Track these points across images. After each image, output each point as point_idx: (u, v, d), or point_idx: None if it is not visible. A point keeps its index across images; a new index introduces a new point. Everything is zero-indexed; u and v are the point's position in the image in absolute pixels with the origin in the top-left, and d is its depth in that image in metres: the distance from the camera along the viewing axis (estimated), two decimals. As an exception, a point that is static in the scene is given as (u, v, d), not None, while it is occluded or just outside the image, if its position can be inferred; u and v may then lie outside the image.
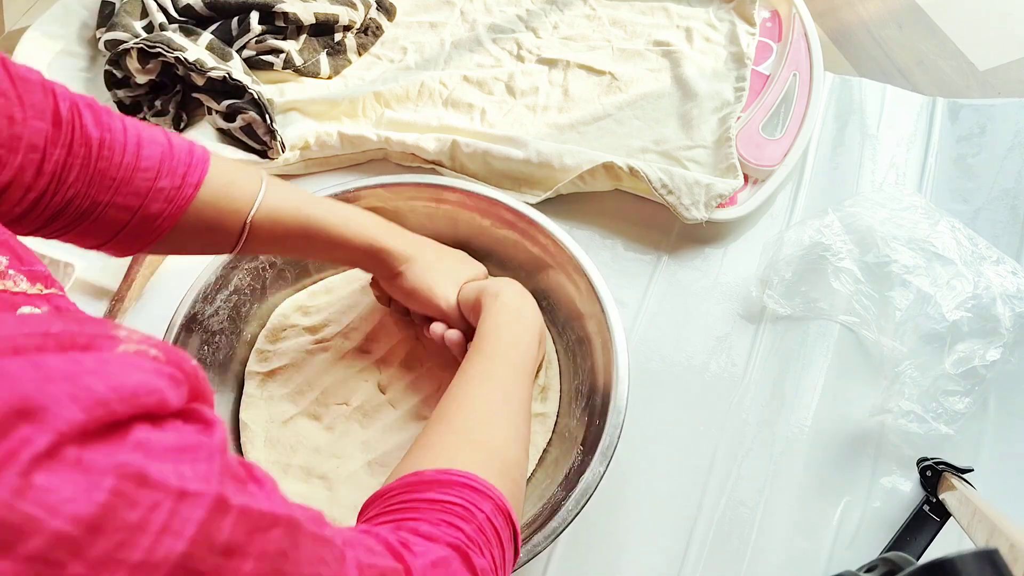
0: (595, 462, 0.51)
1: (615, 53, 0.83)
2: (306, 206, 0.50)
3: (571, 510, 0.49)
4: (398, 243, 0.54)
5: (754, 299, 0.69)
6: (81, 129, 0.40)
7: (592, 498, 0.50)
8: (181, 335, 0.56)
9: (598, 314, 0.57)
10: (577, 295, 0.61)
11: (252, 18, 0.78)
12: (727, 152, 0.73)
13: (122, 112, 0.75)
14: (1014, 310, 0.62)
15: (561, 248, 0.60)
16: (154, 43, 0.71)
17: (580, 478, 0.51)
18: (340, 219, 0.51)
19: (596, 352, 0.58)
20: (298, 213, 0.49)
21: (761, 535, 0.59)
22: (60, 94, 0.40)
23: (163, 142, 0.43)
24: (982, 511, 0.47)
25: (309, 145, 0.76)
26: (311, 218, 0.50)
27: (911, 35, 0.89)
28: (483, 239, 0.65)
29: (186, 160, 0.44)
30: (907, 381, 0.61)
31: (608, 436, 0.52)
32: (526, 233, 0.63)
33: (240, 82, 0.73)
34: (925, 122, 0.80)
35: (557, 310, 0.64)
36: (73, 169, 0.40)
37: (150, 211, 0.43)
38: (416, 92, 0.80)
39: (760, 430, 0.63)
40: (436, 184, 0.64)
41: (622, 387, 0.54)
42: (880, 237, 0.66)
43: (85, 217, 0.41)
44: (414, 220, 0.65)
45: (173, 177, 0.43)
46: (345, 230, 0.51)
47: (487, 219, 0.64)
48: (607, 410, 0.53)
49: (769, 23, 0.85)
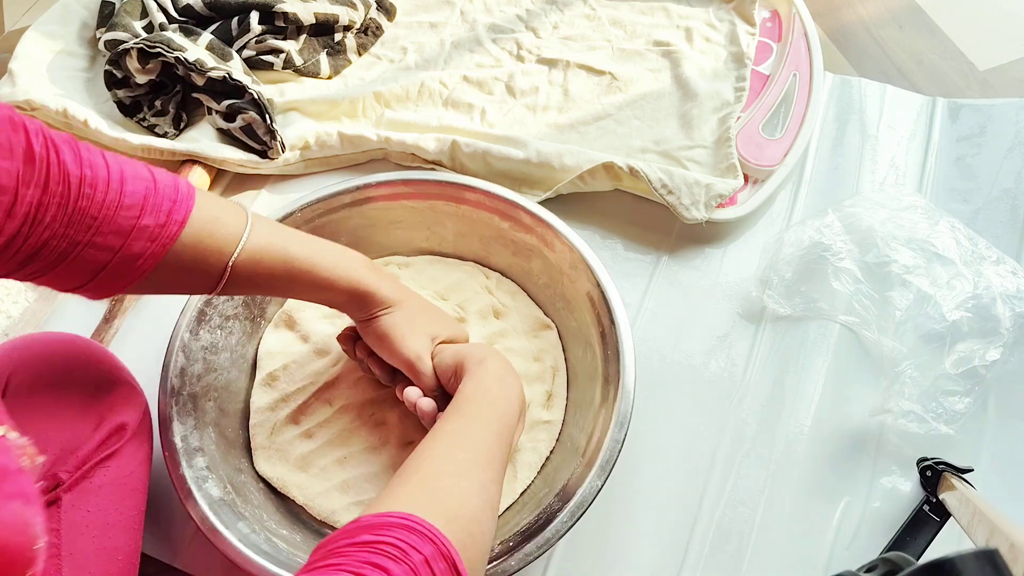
0: (592, 475, 0.51)
1: (615, 53, 0.83)
2: (292, 247, 0.47)
3: (565, 522, 0.49)
4: (384, 287, 0.52)
5: (754, 299, 0.69)
6: (59, 166, 0.38)
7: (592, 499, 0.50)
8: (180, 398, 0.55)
9: (609, 328, 0.57)
10: (590, 311, 0.60)
11: (252, 18, 0.78)
12: (727, 152, 0.73)
13: (122, 112, 0.75)
14: (1014, 310, 0.62)
15: (583, 262, 0.60)
16: (154, 43, 0.71)
17: (577, 490, 0.50)
18: (329, 262, 0.49)
19: (601, 365, 0.58)
20: (284, 254, 0.47)
21: (761, 535, 0.59)
22: (32, 130, 0.37)
23: (147, 177, 0.41)
24: (982, 511, 0.47)
25: (309, 145, 0.76)
26: (297, 260, 0.47)
27: (911, 35, 0.89)
28: (501, 242, 0.66)
29: (171, 196, 0.42)
30: (907, 381, 0.61)
31: (608, 450, 0.52)
32: (544, 239, 0.63)
33: (240, 82, 0.73)
34: (925, 122, 0.80)
35: (568, 316, 0.64)
36: (50, 209, 0.37)
37: (132, 250, 0.40)
38: (416, 92, 0.80)
39: (760, 430, 0.63)
40: (457, 183, 0.64)
41: (626, 403, 0.53)
42: (880, 237, 0.66)
43: (63, 259, 0.39)
44: (432, 218, 0.65)
45: (158, 214, 0.41)
46: (331, 273, 0.49)
47: (506, 221, 0.64)
48: (609, 423, 0.53)
49: (769, 23, 0.85)
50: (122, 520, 0.49)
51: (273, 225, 0.48)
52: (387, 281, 0.53)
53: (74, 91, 0.78)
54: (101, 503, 0.48)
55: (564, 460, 0.57)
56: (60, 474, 0.46)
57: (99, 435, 0.49)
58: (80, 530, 0.46)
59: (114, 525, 0.48)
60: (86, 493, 0.47)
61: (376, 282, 0.51)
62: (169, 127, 0.76)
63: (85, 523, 0.46)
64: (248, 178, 0.77)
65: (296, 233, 0.50)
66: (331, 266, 0.49)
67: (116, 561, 0.47)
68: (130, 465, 0.50)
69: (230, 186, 0.77)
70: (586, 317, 0.60)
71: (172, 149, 0.73)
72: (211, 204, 0.44)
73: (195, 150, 0.73)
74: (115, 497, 0.48)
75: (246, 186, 0.76)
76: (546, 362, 0.63)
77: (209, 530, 0.50)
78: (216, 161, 0.74)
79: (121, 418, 0.50)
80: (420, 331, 0.53)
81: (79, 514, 0.46)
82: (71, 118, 0.73)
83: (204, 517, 0.50)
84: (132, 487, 0.50)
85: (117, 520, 0.48)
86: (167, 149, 0.73)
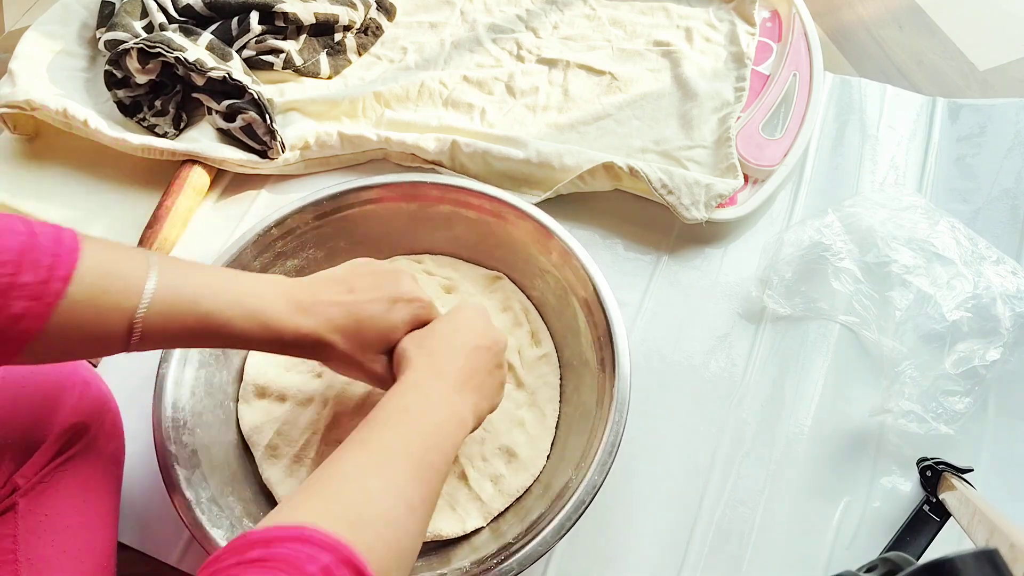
0: (587, 482, 0.51)
1: (615, 53, 0.83)
2: (205, 299, 0.42)
3: (563, 524, 0.49)
4: (308, 323, 0.45)
5: (754, 299, 0.69)
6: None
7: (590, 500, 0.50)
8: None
9: (609, 349, 0.57)
10: (590, 325, 0.60)
11: (252, 18, 0.78)
12: (727, 152, 0.73)
13: (122, 112, 0.75)
14: (1014, 310, 0.62)
15: (587, 277, 0.60)
16: (154, 43, 0.71)
17: (571, 498, 0.50)
18: (246, 312, 0.43)
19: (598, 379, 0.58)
20: (195, 308, 0.41)
21: (761, 535, 0.59)
22: None
23: (22, 231, 0.37)
24: (982, 511, 0.47)
25: (309, 145, 0.76)
26: (211, 315, 0.42)
27: (911, 35, 0.89)
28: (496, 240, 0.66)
29: (52, 249, 0.37)
30: (907, 381, 0.61)
31: (604, 451, 0.52)
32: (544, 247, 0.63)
33: (240, 82, 0.73)
34: (925, 122, 0.80)
35: (559, 313, 0.64)
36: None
37: (12, 311, 0.36)
38: (416, 92, 0.80)
39: (760, 430, 0.63)
40: (460, 187, 0.64)
41: (620, 413, 0.53)
42: (880, 237, 0.66)
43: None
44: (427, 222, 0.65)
45: (37, 270, 0.36)
46: (249, 325, 0.43)
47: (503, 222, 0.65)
48: (604, 431, 0.53)
49: (769, 23, 0.85)
50: (87, 522, 0.47)
51: (185, 271, 0.42)
52: (321, 315, 0.46)
53: (74, 91, 0.78)
54: (61, 506, 0.46)
55: (557, 469, 0.57)
56: (17, 479, 0.45)
57: (56, 437, 0.47)
58: (38, 534, 0.45)
59: (77, 528, 0.47)
60: (43, 497, 0.46)
61: (304, 324, 0.45)
62: (169, 127, 0.76)
63: (43, 527, 0.45)
64: (248, 178, 0.77)
65: (214, 277, 0.44)
66: (248, 315, 0.43)
67: (83, 563, 0.46)
68: (94, 466, 0.49)
69: (230, 186, 0.77)
70: (585, 322, 0.61)
71: (172, 149, 0.73)
72: (105, 255, 0.39)
73: (195, 150, 0.73)
74: (77, 500, 0.47)
75: (246, 186, 0.76)
76: (514, 307, 0.66)
77: (202, 538, 0.50)
78: (216, 161, 0.74)
79: (78, 418, 0.49)
80: (370, 349, 0.48)
81: (35, 518, 0.45)
82: (71, 118, 0.73)
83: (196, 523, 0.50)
84: (97, 487, 0.49)
85: (80, 523, 0.47)
86: (167, 149, 0.73)
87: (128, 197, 0.75)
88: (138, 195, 0.75)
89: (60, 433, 0.48)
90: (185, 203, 0.72)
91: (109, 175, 0.77)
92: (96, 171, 0.77)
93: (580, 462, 0.54)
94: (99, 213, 0.74)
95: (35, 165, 0.78)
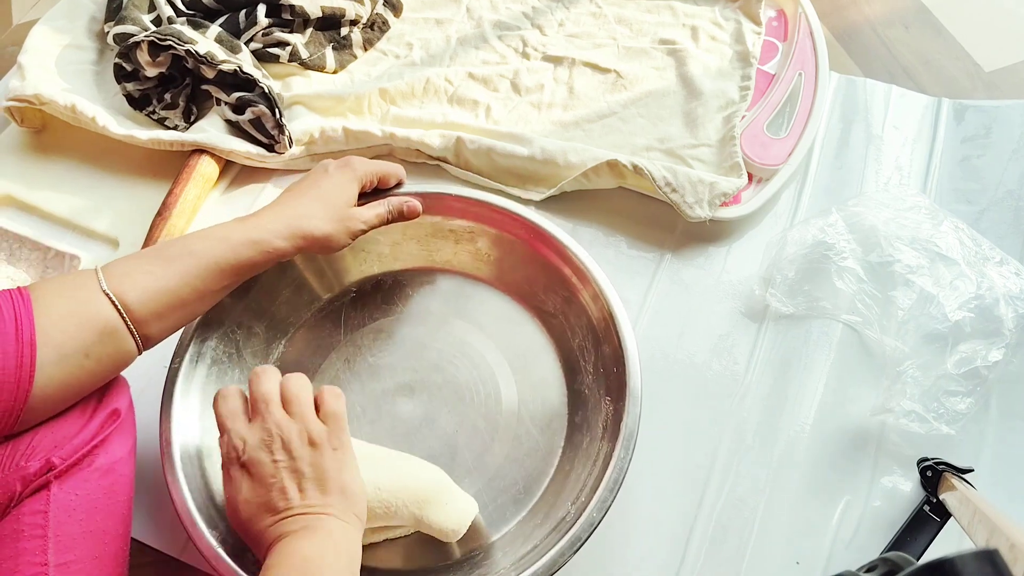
0: (591, 508, 0.51)
1: (620, 51, 0.83)
2: (172, 279, 0.49)
3: (564, 553, 0.50)
4: (265, 243, 0.53)
5: (757, 298, 0.69)
6: None
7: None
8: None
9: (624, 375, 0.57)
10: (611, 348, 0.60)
11: (259, 11, 0.78)
12: (731, 151, 0.73)
13: (131, 105, 0.76)
14: (1017, 311, 0.62)
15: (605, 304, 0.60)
16: (165, 36, 0.71)
17: (573, 528, 0.51)
18: (209, 263, 0.50)
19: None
20: (167, 272, 0.49)
21: (761, 535, 0.59)
22: None
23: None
24: (982, 511, 0.47)
25: (314, 140, 0.76)
26: (188, 285, 0.50)
27: (917, 35, 0.89)
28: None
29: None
30: (909, 381, 0.61)
31: (611, 478, 0.52)
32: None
33: (251, 75, 0.73)
34: (930, 123, 0.80)
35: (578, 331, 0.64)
36: None
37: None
38: (421, 89, 0.80)
39: (761, 429, 0.63)
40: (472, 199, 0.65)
41: (626, 449, 0.53)
42: (883, 237, 0.66)
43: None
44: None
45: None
46: (223, 268, 0.51)
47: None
48: (609, 462, 0.53)
49: (775, 22, 0.85)
50: (110, 504, 0.49)
51: (127, 261, 0.49)
52: (268, 227, 0.53)
53: (83, 85, 0.78)
54: (90, 488, 0.48)
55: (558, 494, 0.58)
56: (54, 459, 0.46)
57: (96, 421, 0.49)
58: (68, 513, 0.46)
59: (102, 509, 0.48)
60: (77, 478, 0.47)
61: (261, 243, 0.52)
62: (179, 120, 0.76)
63: (73, 507, 0.46)
64: (254, 171, 0.77)
65: (159, 250, 0.51)
66: (213, 266, 0.50)
67: (103, 544, 0.48)
68: (120, 451, 0.50)
69: (237, 179, 0.77)
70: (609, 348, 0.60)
71: (180, 140, 0.73)
72: (52, 301, 0.45)
73: (203, 140, 0.73)
74: (104, 482, 0.49)
75: (252, 179, 0.77)
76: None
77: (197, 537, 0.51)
78: (224, 152, 0.74)
79: (115, 404, 0.51)
80: (335, 219, 0.56)
81: (68, 498, 0.47)
82: (79, 114, 0.73)
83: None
84: (120, 472, 0.50)
85: (105, 504, 0.48)
86: (176, 140, 0.73)
87: (135, 188, 0.76)
88: (145, 186, 0.75)
89: (100, 415, 0.50)
90: (194, 191, 0.72)
91: (116, 166, 0.77)
92: (103, 162, 0.77)
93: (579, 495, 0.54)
94: (106, 204, 0.75)
95: (42, 156, 0.78)
